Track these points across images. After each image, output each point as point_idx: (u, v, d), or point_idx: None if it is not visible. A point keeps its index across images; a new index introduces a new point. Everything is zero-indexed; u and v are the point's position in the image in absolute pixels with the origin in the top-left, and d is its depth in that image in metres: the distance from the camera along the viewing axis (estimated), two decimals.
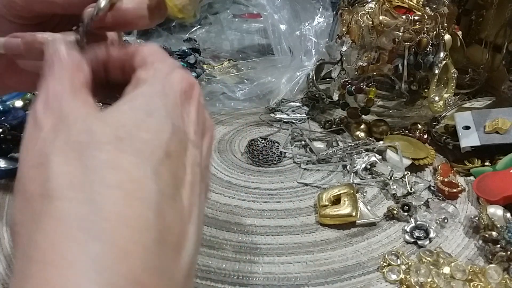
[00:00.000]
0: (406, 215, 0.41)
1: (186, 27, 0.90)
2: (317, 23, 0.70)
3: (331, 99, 0.59)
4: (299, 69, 0.65)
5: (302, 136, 0.54)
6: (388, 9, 0.50)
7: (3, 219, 0.40)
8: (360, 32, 0.52)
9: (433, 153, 0.49)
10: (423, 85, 0.55)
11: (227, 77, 0.68)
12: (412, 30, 0.49)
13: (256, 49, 0.81)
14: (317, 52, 0.67)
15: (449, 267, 0.34)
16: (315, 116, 0.60)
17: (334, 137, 0.54)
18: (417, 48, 0.50)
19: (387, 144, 0.50)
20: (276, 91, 0.63)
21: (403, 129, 0.54)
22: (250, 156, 0.50)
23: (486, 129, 0.48)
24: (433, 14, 0.49)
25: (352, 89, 0.53)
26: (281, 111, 0.61)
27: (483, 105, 0.57)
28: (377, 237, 0.39)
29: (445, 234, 0.39)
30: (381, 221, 0.41)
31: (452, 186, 0.44)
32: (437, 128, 0.53)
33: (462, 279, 0.33)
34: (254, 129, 0.57)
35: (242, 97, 0.62)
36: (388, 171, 0.46)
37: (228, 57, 0.78)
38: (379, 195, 0.44)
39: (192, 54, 0.66)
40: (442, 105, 0.52)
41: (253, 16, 0.91)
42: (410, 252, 0.37)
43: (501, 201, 0.40)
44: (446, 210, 0.41)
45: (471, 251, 0.37)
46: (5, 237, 0.38)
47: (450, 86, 0.53)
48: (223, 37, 0.85)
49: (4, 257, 0.36)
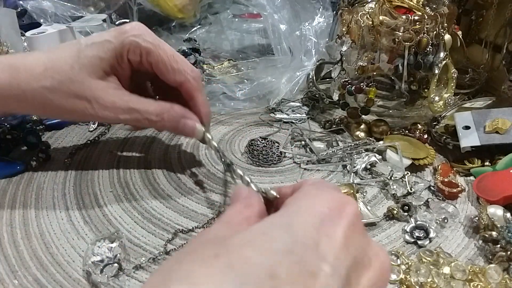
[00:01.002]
0: (406, 215, 0.41)
1: (186, 27, 0.90)
2: (317, 23, 0.70)
3: (331, 99, 0.59)
4: (299, 69, 0.65)
5: (302, 136, 0.54)
6: (388, 9, 0.50)
7: (3, 219, 0.40)
8: (360, 32, 0.52)
9: (433, 153, 0.49)
10: (423, 85, 0.55)
11: (227, 77, 0.68)
12: (412, 30, 0.49)
13: (256, 49, 0.81)
14: (317, 52, 0.67)
15: (449, 267, 0.34)
16: (315, 116, 0.60)
17: (334, 137, 0.54)
18: (417, 48, 0.50)
19: (387, 144, 0.50)
20: (276, 91, 0.63)
21: (403, 129, 0.54)
22: (250, 156, 0.50)
23: (486, 129, 0.48)
24: (433, 14, 0.49)
25: (352, 89, 0.53)
26: (281, 111, 0.61)
27: (483, 105, 0.57)
28: (377, 237, 0.39)
29: (445, 234, 0.39)
30: (381, 221, 0.41)
31: (452, 186, 0.44)
32: (437, 128, 0.53)
33: (462, 279, 0.33)
34: (254, 129, 0.57)
35: (242, 97, 0.62)
36: (388, 171, 0.46)
37: (228, 57, 0.78)
38: (379, 195, 0.44)
39: (192, 54, 0.66)
40: (442, 105, 0.52)
41: (253, 16, 0.91)
42: (410, 252, 0.37)
43: (501, 201, 0.40)
44: (446, 210, 0.41)
45: (471, 251, 0.37)
46: (5, 237, 0.38)
47: (450, 86, 0.53)
48: (223, 37, 0.85)
49: (4, 257, 0.36)
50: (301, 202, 0.23)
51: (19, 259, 0.36)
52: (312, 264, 0.19)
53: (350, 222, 0.21)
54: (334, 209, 0.21)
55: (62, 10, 0.77)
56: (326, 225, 0.20)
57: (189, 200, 0.43)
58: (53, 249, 0.37)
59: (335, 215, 0.21)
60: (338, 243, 0.20)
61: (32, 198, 0.43)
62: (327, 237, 0.20)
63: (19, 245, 0.37)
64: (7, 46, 0.60)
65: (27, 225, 0.39)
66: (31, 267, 0.35)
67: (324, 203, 0.22)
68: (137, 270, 0.35)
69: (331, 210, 0.21)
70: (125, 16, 0.85)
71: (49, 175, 0.46)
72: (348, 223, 0.21)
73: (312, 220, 0.21)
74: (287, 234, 0.20)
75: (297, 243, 0.19)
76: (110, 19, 0.83)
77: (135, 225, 0.40)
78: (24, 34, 0.67)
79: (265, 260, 0.18)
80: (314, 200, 0.22)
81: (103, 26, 0.75)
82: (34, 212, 0.41)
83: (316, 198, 0.23)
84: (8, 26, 0.62)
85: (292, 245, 0.19)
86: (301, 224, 0.20)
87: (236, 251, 0.19)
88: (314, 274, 0.18)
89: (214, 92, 0.63)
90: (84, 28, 0.71)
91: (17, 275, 0.34)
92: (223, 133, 0.56)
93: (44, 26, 0.70)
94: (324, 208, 0.21)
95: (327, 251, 0.19)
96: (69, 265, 0.35)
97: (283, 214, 0.22)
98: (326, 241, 0.20)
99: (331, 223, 0.21)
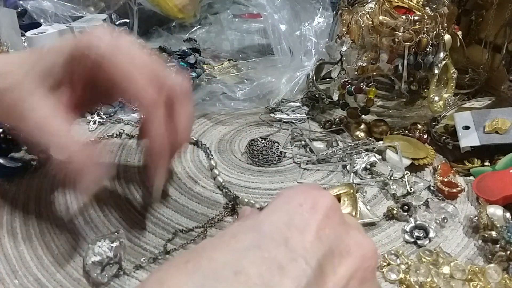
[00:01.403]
0: (406, 215, 0.41)
1: (186, 27, 0.90)
2: (317, 23, 0.70)
3: (331, 99, 0.59)
4: (299, 69, 0.65)
5: (302, 136, 0.54)
6: (388, 9, 0.50)
7: (4, 219, 0.40)
8: (360, 32, 0.52)
9: (432, 153, 0.49)
10: (423, 85, 0.55)
11: (227, 77, 0.68)
12: (412, 30, 0.49)
13: (256, 49, 0.81)
14: (317, 52, 0.67)
15: (448, 267, 0.34)
16: (315, 116, 0.60)
17: (334, 137, 0.54)
18: (417, 48, 0.50)
19: (387, 144, 0.50)
20: (276, 91, 0.63)
21: (403, 129, 0.54)
22: (250, 156, 0.50)
23: (485, 129, 0.48)
24: (433, 14, 0.49)
25: (352, 89, 0.53)
26: (281, 111, 0.61)
27: (483, 105, 0.57)
28: (377, 237, 0.39)
29: (444, 234, 0.39)
30: (380, 221, 0.41)
31: (451, 186, 0.44)
32: (437, 128, 0.53)
33: (462, 279, 0.33)
34: (254, 129, 0.57)
35: (242, 97, 0.62)
36: (388, 171, 0.46)
37: (228, 57, 0.78)
38: (379, 195, 0.44)
39: (192, 54, 0.66)
40: (442, 105, 0.52)
41: (253, 16, 0.91)
42: (409, 252, 0.37)
43: (501, 201, 0.40)
44: (445, 210, 0.41)
45: (470, 251, 0.37)
46: (5, 237, 0.38)
47: (450, 86, 0.53)
48: (223, 37, 0.85)
49: (4, 257, 0.36)
50: (275, 202, 0.24)
51: (19, 259, 0.36)
52: (280, 258, 0.19)
53: (324, 215, 0.22)
54: (306, 204, 0.22)
55: (62, 10, 0.77)
56: (297, 220, 0.21)
57: (189, 200, 0.43)
58: (53, 249, 0.37)
59: (307, 210, 0.22)
60: (310, 236, 0.21)
61: (32, 198, 0.43)
62: (298, 231, 0.21)
63: (19, 245, 0.37)
64: (7, 46, 0.60)
65: (27, 225, 0.39)
66: (32, 267, 0.35)
67: (296, 201, 0.22)
68: (137, 270, 0.35)
69: (303, 206, 0.22)
70: (125, 16, 0.86)
71: (49, 175, 0.46)
72: (322, 216, 0.22)
73: (282, 218, 0.22)
74: (255, 233, 0.21)
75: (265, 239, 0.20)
76: (110, 19, 0.83)
77: (135, 225, 0.40)
78: (24, 34, 0.67)
79: (231, 258, 0.19)
80: (287, 199, 0.23)
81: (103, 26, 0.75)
82: (34, 212, 0.41)
83: (290, 197, 0.23)
84: (8, 26, 0.62)
85: (259, 242, 0.20)
86: (271, 222, 0.21)
87: (204, 254, 0.20)
88: (282, 267, 0.19)
89: (214, 92, 0.63)
90: (84, 28, 0.71)
91: (18, 274, 0.34)
92: (223, 133, 0.56)
93: (44, 26, 0.70)
94: (296, 205, 0.22)
95: (297, 244, 0.20)
96: (69, 265, 0.35)
97: (255, 216, 0.23)
98: (296, 235, 0.20)
99: (302, 218, 0.21)
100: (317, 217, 0.22)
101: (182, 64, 0.61)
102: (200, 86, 0.64)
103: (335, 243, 0.21)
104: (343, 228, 0.22)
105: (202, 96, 0.62)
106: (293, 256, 0.20)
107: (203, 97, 0.62)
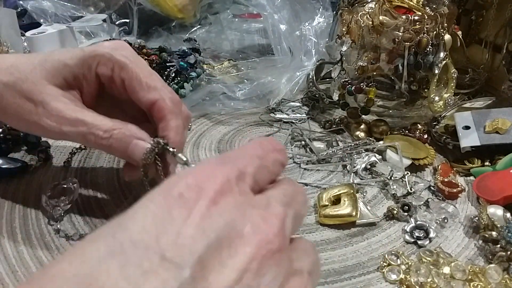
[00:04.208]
0: (406, 215, 0.41)
1: (186, 27, 0.90)
2: (317, 23, 0.70)
3: (331, 99, 0.59)
4: (299, 69, 0.65)
5: (302, 136, 0.54)
6: (388, 9, 0.50)
7: (3, 219, 0.40)
8: (360, 32, 0.52)
9: (433, 153, 0.49)
10: (423, 85, 0.55)
11: (227, 77, 0.68)
12: (412, 30, 0.49)
13: (256, 49, 0.81)
14: (317, 52, 0.67)
15: (449, 267, 0.34)
16: (315, 116, 0.60)
17: (334, 137, 0.54)
18: (417, 48, 0.50)
19: (387, 144, 0.50)
20: (276, 91, 0.63)
21: (403, 129, 0.54)
22: None
23: (486, 129, 0.48)
24: (433, 14, 0.49)
25: (352, 89, 0.53)
26: (281, 111, 0.61)
27: (483, 105, 0.57)
28: (377, 237, 0.39)
29: (445, 234, 0.39)
30: (381, 221, 0.41)
31: (452, 186, 0.44)
32: (437, 128, 0.53)
33: (462, 279, 0.33)
34: (254, 129, 0.57)
35: (242, 97, 0.62)
36: (388, 171, 0.46)
37: (228, 57, 0.78)
38: (379, 195, 0.44)
39: (192, 54, 0.66)
40: (442, 105, 0.52)
41: (253, 16, 0.91)
42: (410, 252, 0.37)
43: (501, 201, 0.40)
44: (446, 210, 0.41)
45: (471, 251, 0.37)
46: (5, 237, 0.38)
47: (450, 86, 0.53)
48: (223, 37, 0.85)
49: (4, 257, 0.36)
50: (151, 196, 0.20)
51: (19, 259, 0.36)
52: (146, 262, 0.17)
53: (210, 201, 0.18)
54: (188, 193, 0.19)
55: (62, 10, 0.77)
56: (175, 213, 0.18)
57: None
58: (53, 249, 0.37)
59: (188, 200, 0.18)
60: (190, 229, 0.18)
61: (32, 198, 0.43)
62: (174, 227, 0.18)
63: (19, 245, 0.37)
64: (7, 46, 0.60)
65: (27, 225, 0.39)
66: (31, 267, 0.35)
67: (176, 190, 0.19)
68: None
69: (183, 196, 0.19)
70: (125, 16, 0.86)
71: (49, 175, 0.46)
72: (206, 203, 0.18)
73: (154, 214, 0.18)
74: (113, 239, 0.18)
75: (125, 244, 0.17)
76: (110, 19, 0.83)
77: None
78: (24, 34, 0.67)
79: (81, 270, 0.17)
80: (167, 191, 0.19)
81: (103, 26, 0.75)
82: (34, 212, 0.41)
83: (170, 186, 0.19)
84: (8, 26, 0.62)
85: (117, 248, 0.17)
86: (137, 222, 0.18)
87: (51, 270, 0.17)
88: (147, 272, 0.16)
89: (214, 92, 0.63)
90: (84, 28, 0.71)
91: (17, 275, 0.34)
92: (223, 133, 0.56)
93: (44, 26, 0.70)
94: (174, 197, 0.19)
95: (168, 243, 0.17)
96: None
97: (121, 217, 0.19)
98: (170, 232, 0.17)
99: (181, 210, 0.18)
100: (200, 204, 0.18)
101: (182, 64, 0.61)
102: (200, 86, 0.64)
103: (224, 232, 0.18)
104: (237, 211, 0.19)
105: (202, 96, 0.62)
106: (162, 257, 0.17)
107: (203, 97, 0.62)
